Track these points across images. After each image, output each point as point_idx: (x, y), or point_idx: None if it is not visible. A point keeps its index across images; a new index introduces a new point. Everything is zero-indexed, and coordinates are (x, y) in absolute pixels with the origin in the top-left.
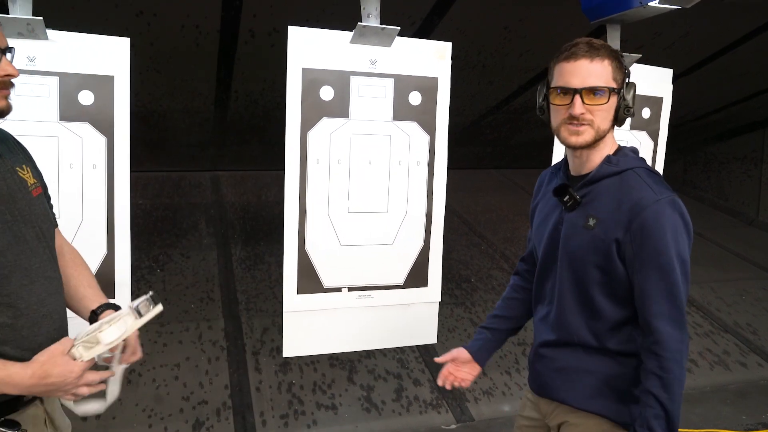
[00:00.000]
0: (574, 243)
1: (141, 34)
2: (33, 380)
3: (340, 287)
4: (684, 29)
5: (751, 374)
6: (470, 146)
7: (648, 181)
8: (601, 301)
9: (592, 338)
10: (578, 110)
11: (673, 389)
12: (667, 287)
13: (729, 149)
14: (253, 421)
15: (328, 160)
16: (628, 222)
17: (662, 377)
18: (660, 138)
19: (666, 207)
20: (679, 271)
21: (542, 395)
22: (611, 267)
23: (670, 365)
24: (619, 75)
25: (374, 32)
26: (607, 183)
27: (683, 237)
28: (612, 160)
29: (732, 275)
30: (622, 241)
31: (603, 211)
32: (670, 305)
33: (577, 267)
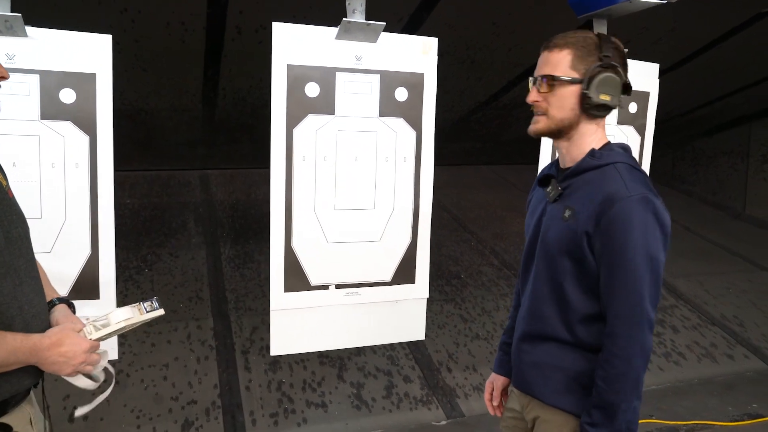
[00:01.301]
0: (552, 234)
1: (125, 32)
2: (50, 349)
3: (327, 285)
4: (670, 24)
5: (738, 366)
6: (460, 142)
7: (624, 177)
8: (572, 293)
9: (564, 331)
10: (530, 98)
11: (614, 383)
12: (627, 284)
13: (716, 144)
14: (242, 420)
15: (314, 157)
16: (599, 216)
17: (606, 370)
18: (647, 133)
19: (636, 204)
20: (644, 269)
21: (520, 389)
22: (583, 259)
23: (614, 360)
24: (582, 65)
25: (360, 28)
26: (587, 176)
27: (654, 235)
28: (596, 154)
29: (719, 268)
30: (592, 235)
31: (579, 203)
32: (628, 302)
33: (552, 258)
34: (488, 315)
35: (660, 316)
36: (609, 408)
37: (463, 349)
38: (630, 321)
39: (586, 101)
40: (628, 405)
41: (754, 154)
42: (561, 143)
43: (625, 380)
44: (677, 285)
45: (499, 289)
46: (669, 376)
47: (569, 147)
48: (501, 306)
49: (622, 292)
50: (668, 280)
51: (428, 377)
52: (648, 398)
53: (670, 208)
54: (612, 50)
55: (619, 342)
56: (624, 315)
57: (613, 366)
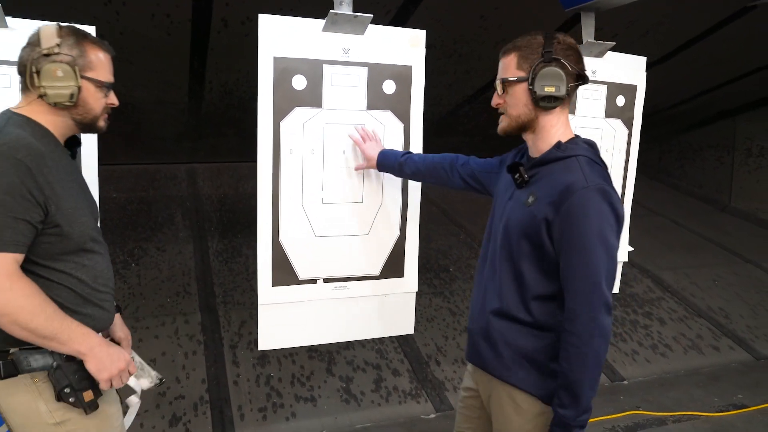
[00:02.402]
0: (514, 218)
1: (110, 23)
2: (101, 345)
3: (315, 279)
4: (658, 18)
5: (724, 357)
6: (448, 136)
7: (584, 169)
8: (528, 274)
9: (520, 310)
10: (493, 101)
11: (575, 363)
12: (582, 267)
13: (702, 137)
14: (231, 415)
15: (301, 151)
16: (558, 204)
17: (567, 351)
18: (634, 126)
19: (593, 194)
20: (600, 254)
21: (473, 361)
22: (541, 244)
23: (574, 340)
24: (526, 63)
25: (347, 20)
26: (552, 167)
27: (608, 223)
28: (561, 146)
29: (705, 261)
30: (551, 221)
31: (541, 191)
32: (585, 286)
33: (512, 240)
34: None
35: (647, 309)
36: (574, 387)
37: (451, 342)
38: (589, 303)
39: (533, 95)
40: (592, 383)
41: (740, 147)
42: (527, 137)
43: (586, 359)
44: (664, 277)
45: None
46: (655, 368)
47: (535, 139)
48: None
49: (580, 276)
50: (655, 273)
51: (417, 371)
52: (634, 390)
53: (656, 202)
54: (555, 45)
55: (579, 323)
56: (583, 297)
57: (574, 346)
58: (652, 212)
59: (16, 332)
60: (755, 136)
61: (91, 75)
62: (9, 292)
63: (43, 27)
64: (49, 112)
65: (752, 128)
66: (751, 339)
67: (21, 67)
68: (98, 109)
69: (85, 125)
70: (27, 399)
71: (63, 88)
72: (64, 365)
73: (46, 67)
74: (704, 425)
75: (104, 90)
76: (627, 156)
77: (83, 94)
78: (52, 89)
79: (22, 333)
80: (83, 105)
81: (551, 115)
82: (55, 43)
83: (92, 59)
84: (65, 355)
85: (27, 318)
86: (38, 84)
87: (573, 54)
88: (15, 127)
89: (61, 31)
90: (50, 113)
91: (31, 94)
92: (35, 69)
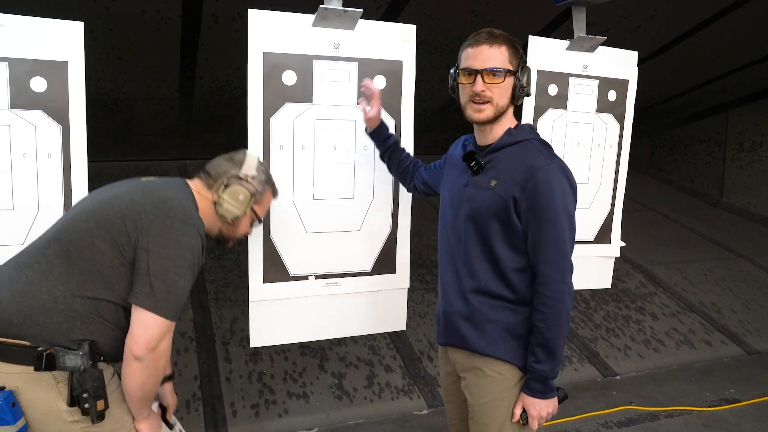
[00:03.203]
0: (478, 201)
1: (99, 19)
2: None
3: (306, 275)
4: (649, 12)
5: (716, 352)
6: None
7: (541, 150)
8: (500, 250)
9: (496, 285)
10: (479, 87)
11: (551, 322)
12: (553, 237)
13: (694, 132)
14: (223, 411)
15: (291, 146)
16: (524, 182)
17: (542, 311)
18: (626, 120)
19: (555, 170)
20: (563, 224)
21: (452, 345)
22: (509, 220)
23: (549, 302)
24: (514, 59)
25: (337, 15)
26: (507, 151)
27: (569, 196)
28: (512, 132)
29: (697, 256)
30: (518, 199)
31: (503, 173)
32: (555, 252)
33: (481, 221)
34: None
35: (639, 304)
36: (549, 343)
37: None
38: (559, 267)
39: (519, 90)
40: (563, 337)
41: (732, 142)
42: (488, 126)
43: (560, 317)
44: (656, 272)
45: None
46: (648, 363)
47: (493, 128)
48: None
49: (550, 244)
50: (647, 268)
51: (409, 367)
52: (627, 385)
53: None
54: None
55: (552, 285)
56: (553, 263)
57: (549, 306)
58: (644, 207)
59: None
60: (747, 131)
61: (257, 209)
62: (164, 360)
63: (251, 155)
64: (212, 214)
65: (744, 123)
66: (743, 334)
67: (216, 174)
68: (241, 233)
69: (221, 237)
70: (48, 397)
71: (235, 208)
72: (89, 371)
73: (234, 187)
74: (696, 420)
75: (255, 224)
76: (619, 151)
77: (242, 220)
78: (227, 204)
79: (138, 392)
80: (235, 226)
81: (511, 108)
82: (252, 174)
83: (266, 199)
84: (91, 361)
85: (156, 383)
86: (220, 194)
87: None
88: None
89: (260, 166)
90: (212, 215)
91: (210, 194)
92: (226, 182)
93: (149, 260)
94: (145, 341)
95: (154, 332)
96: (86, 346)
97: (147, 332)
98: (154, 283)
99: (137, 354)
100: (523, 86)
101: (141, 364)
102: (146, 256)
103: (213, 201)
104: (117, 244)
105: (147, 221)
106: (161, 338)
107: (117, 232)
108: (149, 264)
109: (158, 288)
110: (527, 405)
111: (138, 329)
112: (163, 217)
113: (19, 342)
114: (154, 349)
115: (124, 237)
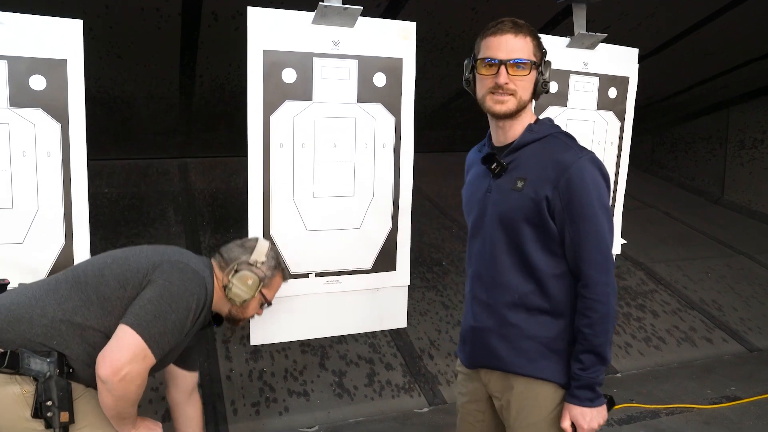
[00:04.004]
0: (505, 205)
1: (99, 17)
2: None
3: (307, 273)
4: (650, 9)
5: (716, 349)
6: (441, 129)
7: (568, 143)
8: (536, 257)
9: (530, 295)
10: (503, 79)
11: (598, 327)
12: (593, 235)
13: (695, 129)
14: (224, 410)
15: (291, 144)
16: (556, 180)
17: (589, 316)
18: (627, 118)
19: (587, 163)
20: (602, 220)
21: (485, 366)
22: (543, 223)
23: (595, 305)
24: (538, 52)
25: (336, 12)
26: (531, 148)
27: (603, 188)
28: (533, 128)
29: (698, 253)
30: (551, 198)
31: (530, 172)
32: (596, 252)
33: (510, 227)
34: None
35: (640, 301)
36: (599, 349)
37: (444, 336)
38: (603, 268)
39: (542, 86)
40: (609, 340)
41: (732, 139)
42: (507, 122)
43: (608, 320)
44: (657, 270)
45: None
46: (649, 361)
47: (513, 124)
48: None
49: (591, 244)
50: (648, 265)
51: (410, 364)
52: (628, 383)
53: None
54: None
55: (598, 289)
56: (597, 263)
57: (596, 311)
58: (645, 205)
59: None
60: (748, 128)
61: (265, 293)
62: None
63: (262, 242)
64: (222, 295)
65: (745, 120)
66: (744, 331)
67: (229, 258)
68: (249, 315)
69: (230, 317)
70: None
71: (243, 292)
72: (56, 378)
73: (244, 272)
74: (697, 417)
75: (264, 305)
76: (619, 148)
77: (250, 303)
78: (236, 288)
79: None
80: (244, 308)
81: (531, 104)
82: (262, 260)
83: (275, 283)
84: (58, 370)
85: (129, 407)
86: (230, 278)
87: None
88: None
89: (270, 252)
90: (223, 296)
91: (221, 277)
92: (237, 268)
93: (151, 289)
94: (111, 360)
95: (126, 352)
96: (55, 354)
97: (118, 350)
98: (146, 306)
99: (101, 375)
100: (545, 81)
101: (105, 386)
102: (150, 287)
103: (223, 284)
104: (126, 278)
105: (163, 262)
106: (131, 361)
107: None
108: (149, 291)
109: (148, 310)
110: (576, 416)
111: (112, 344)
112: (179, 263)
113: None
114: (119, 370)
115: (138, 274)
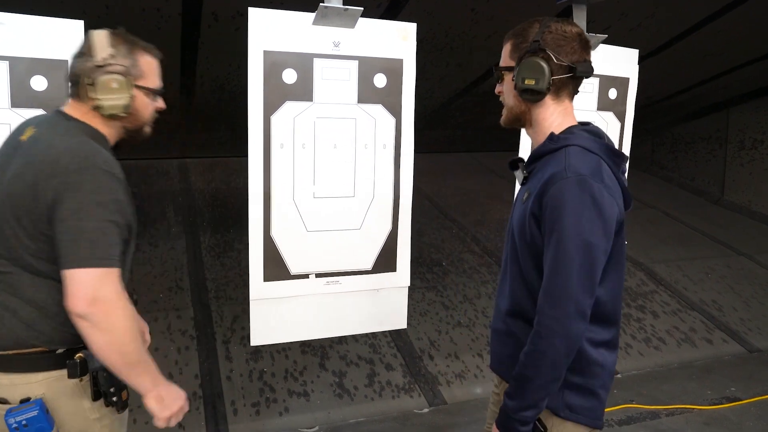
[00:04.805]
0: (515, 217)
1: (99, 18)
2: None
3: (307, 273)
4: (650, 9)
5: (716, 350)
6: (441, 129)
7: (570, 159)
8: (529, 272)
9: (528, 308)
10: (496, 89)
11: (532, 359)
12: (555, 264)
13: (695, 129)
14: (224, 410)
15: (292, 145)
16: (541, 196)
17: (528, 345)
18: (627, 118)
19: (571, 185)
20: (574, 252)
21: (492, 369)
22: (533, 239)
23: (536, 338)
24: (516, 53)
25: (337, 13)
26: (545, 160)
27: (589, 218)
28: (554, 137)
29: (698, 253)
30: (537, 215)
31: (533, 186)
32: (555, 282)
33: (515, 239)
34: (470, 302)
35: (640, 302)
36: (523, 381)
37: (445, 336)
38: (555, 302)
39: (520, 82)
40: (542, 383)
41: (732, 140)
42: (527, 131)
43: (543, 359)
44: (657, 270)
45: (481, 276)
46: (649, 361)
47: (533, 133)
48: (482, 293)
49: (552, 271)
50: (648, 266)
51: (410, 365)
52: (628, 383)
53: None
54: (545, 35)
55: (544, 321)
56: (550, 295)
57: (534, 343)
58: (645, 205)
59: (109, 355)
60: (748, 129)
61: (143, 83)
62: (121, 310)
63: (95, 34)
64: (104, 122)
65: (745, 121)
66: (744, 332)
67: (74, 78)
68: (147, 115)
69: (133, 132)
70: (74, 397)
71: (118, 99)
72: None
73: (101, 79)
74: (697, 418)
75: (154, 96)
76: (620, 149)
77: (135, 103)
78: (107, 101)
79: (113, 356)
80: (135, 113)
81: (543, 108)
82: (109, 53)
83: (144, 67)
84: None
85: (127, 340)
86: (93, 96)
87: (567, 44)
88: (86, 136)
89: (113, 39)
90: (104, 122)
91: (85, 104)
92: (89, 81)
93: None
94: (77, 298)
95: (87, 285)
96: None
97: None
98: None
99: (76, 310)
100: (523, 77)
101: (88, 322)
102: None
103: (91, 107)
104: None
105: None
106: (99, 287)
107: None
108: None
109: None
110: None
111: (69, 289)
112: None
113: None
114: (95, 299)
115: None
